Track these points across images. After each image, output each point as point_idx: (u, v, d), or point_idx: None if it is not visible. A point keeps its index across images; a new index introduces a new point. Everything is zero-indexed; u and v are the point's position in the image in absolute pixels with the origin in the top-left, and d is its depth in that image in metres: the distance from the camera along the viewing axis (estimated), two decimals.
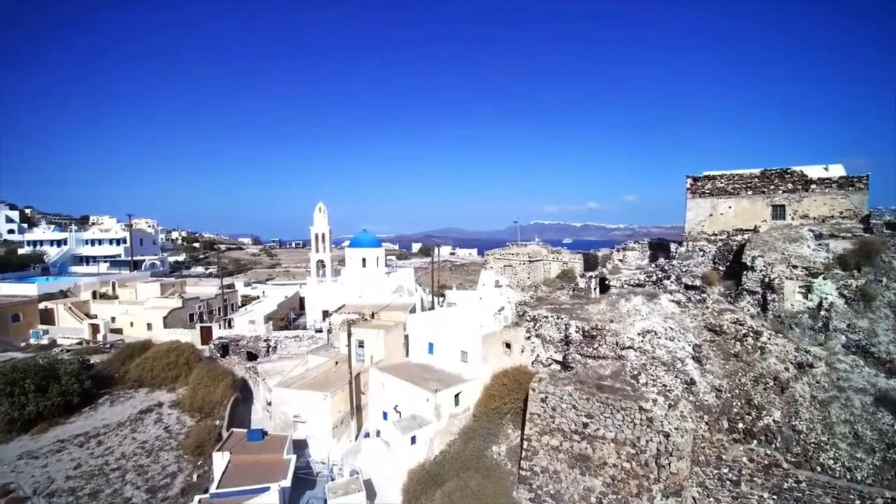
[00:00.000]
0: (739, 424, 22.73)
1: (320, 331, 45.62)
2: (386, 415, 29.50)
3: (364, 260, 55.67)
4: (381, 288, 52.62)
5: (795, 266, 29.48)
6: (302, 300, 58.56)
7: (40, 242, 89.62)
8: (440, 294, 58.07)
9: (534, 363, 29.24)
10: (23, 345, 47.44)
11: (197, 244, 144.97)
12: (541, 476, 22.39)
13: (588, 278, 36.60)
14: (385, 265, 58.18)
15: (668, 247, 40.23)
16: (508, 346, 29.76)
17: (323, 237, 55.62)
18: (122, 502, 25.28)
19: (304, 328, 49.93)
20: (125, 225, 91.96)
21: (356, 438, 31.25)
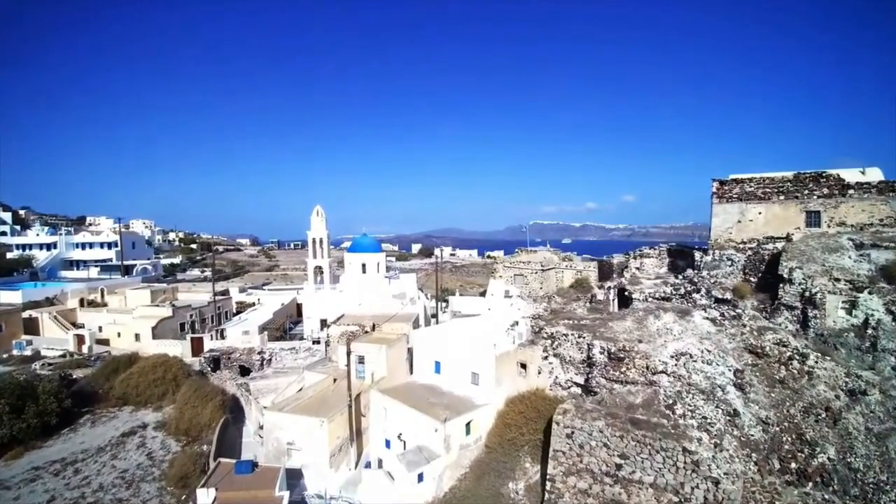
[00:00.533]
0: (792, 464, 20.05)
1: (318, 342, 43.08)
2: (389, 443, 26.82)
3: (364, 265, 53.12)
4: (382, 294, 50.06)
5: (838, 279, 26.87)
6: (299, 307, 55.93)
7: (30, 246, 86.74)
8: (443, 300, 55.45)
9: (552, 386, 26.60)
10: (5, 356, 45.08)
11: (194, 245, 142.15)
12: None
13: (606, 289, 33.89)
14: (386, 270, 55.50)
15: (690, 254, 37.44)
16: (524, 367, 27.11)
17: (321, 242, 53.12)
18: None
19: (302, 338, 47.40)
20: (115, 227, 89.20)
21: (356, 466, 28.64)
